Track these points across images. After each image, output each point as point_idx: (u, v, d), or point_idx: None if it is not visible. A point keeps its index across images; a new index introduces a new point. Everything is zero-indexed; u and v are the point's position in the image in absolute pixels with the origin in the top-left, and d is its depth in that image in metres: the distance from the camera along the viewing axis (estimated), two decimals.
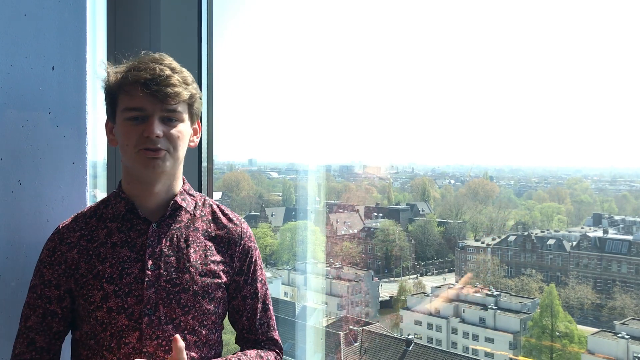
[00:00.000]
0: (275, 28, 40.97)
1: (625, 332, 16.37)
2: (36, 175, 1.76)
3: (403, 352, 14.91)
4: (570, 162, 44.17)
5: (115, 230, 1.44)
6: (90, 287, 1.39)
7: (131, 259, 1.40)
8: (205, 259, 1.47)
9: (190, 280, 1.42)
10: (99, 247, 1.42)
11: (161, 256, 1.42)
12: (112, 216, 1.46)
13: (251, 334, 1.57)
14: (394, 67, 55.79)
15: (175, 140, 1.41)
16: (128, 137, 1.39)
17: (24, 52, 1.74)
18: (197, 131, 1.56)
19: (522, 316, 19.72)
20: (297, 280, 18.60)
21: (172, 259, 1.42)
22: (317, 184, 9.99)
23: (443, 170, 38.74)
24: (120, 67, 1.44)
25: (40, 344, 1.42)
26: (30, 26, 1.76)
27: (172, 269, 1.41)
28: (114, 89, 1.43)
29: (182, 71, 1.44)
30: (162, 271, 1.40)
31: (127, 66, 1.42)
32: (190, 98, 1.44)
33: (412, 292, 24.33)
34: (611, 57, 54.19)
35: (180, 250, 1.44)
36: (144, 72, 1.37)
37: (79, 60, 1.83)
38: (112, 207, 1.47)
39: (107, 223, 1.45)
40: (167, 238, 1.44)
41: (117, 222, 1.45)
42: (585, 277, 22.78)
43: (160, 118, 1.39)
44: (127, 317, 1.37)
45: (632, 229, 23.49)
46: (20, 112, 1.74)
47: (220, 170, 27.43)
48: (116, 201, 1.47)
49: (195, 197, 1.55)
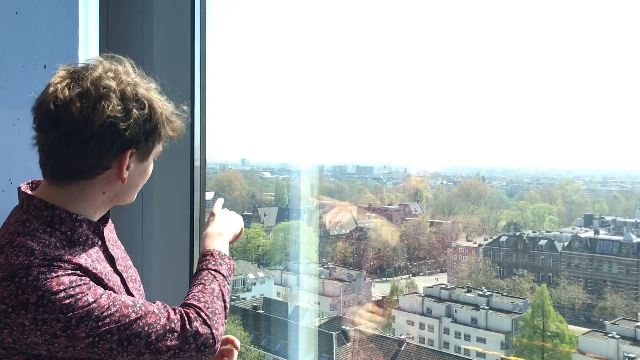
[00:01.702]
0: (269, 27, 40.88)
1: (615, 332, 16.49)
2: (27, 174, 1.75)
3: (395, 352, 14.94)
4: (561, 163, 44.34)
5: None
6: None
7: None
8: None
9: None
10: None
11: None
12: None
13: None
14: (388, 68, 55.86)
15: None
16: (145, 178, 1.32)
17: (15, 50, 1.73)
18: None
19: (513, 316, 19.82)
20: (289, 281, 18.61)
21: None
22: (310, 184, 9.98)
23: (436, 170, 38.87)
24: (166, 105, 1.28)
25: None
26: (22, 24, 1.75)
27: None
28: (164, 132, 1.27)
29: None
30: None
31: (170, 104, 1.29)
32: None
33: (405, 292, 24.40)
34: (603, 59, 54.51)
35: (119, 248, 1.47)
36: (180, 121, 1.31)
37: (70, 59, 1.82)
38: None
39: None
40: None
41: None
42: (576, 277, 22.92)
43: None
44: None
45: (623, 230, 23.66)
46: (12, 110, 1.73)
47: (213, 169, 27.35)
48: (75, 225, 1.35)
49: None
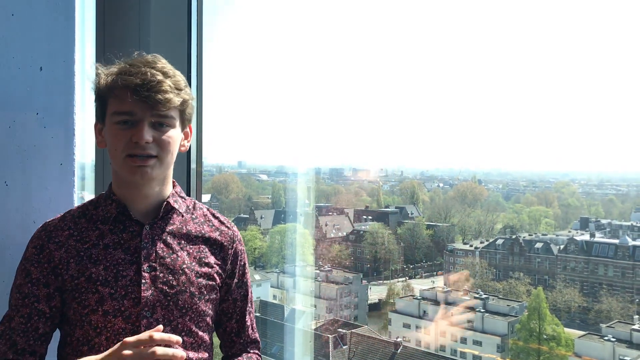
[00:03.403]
0: (266, 30, 40.91)
1: (611, 335, 16.52)
2: (23, 176, 1.74)
3: (391, 354, 14.93)
4: (558, 166, 44.50)
5: (107, 232, 1.42)
6: (83, 290, 1.36)
7: (126, 261, 1.38)
8: (200, 260, 1.46)
9: (187, 281, 1.42)
10: (90, 249, 1.39)
11: (156, 258, 1.40)
12: (103, 218, 1.43)
13: (239, 336, 1.58)
14: (385, 71, 55.97)
15: (165, 146, 1.39)
16: (117, 141, 1.37)
17: (11, 52, 1.73)
18: (189, 135, 1.54)
19: (510, 319, 19.83)
20: (286, 283, 18.58)
21: (168, 260, 1.41)
22: (306, 187, 9.97)
23: (432, 173, 38.91)
24: (112, 69, 1.41)
25: (22, 346, 1.35)
26: (18, 26, 1.74)
27: (168, 271, 1.40)
28: (104, 92, 1.40)
29: (174, 75, 1.41)
30: (158, 273, 1.39)
31: (119, 68, 1.40)
32: (182, 104, 1.42)
33: (401, 295, 24.38)
34: (599, 63, 54.72)
35: (174, 252, 1.43)
36: (135, 77, 1.35)
37: (67, 61, 1.82)
38: (102, 209, 1.45)
39: (98, 225, 1.43)
40: (161, 240, 1.43)
41: (109, 224, 1.43)
42: (572, 280, 22.95)
43: (151, 123, 1.37)
44: (124, 320, 1.35)
45: (619, 233, 23.71)
46: (8, 112, 1.72)
47: (210, 172, 27.35)
48: (107, 203, 1.45)
49: (186, 200, 1.55)
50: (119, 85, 1.36)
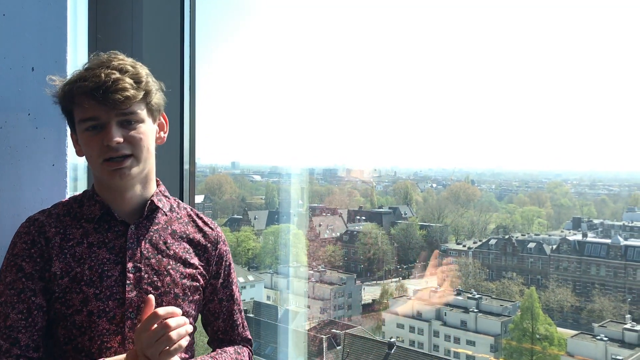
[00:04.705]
0: (259, 31, 40.88)
1: (603, 335, 16.62)
2: (15, 177, 1.73)
3: (385, 355, 14.94)
4: (550, 166, 44.71)
5: (91, 230, 1.41)
6: (67, 290, 1.34)
7: (110, 261, 1.38)
8: (185, 261, 1.46)
9: (172, 283, 1.41)
10: (74, 247, 1.38)
11: (141, 258, 1.40)
12: (87, 217, 1.43)
13: (227, 335, 1.60)
14: (378, 72, 56.03)
15: (138, 142, 1.38)
16: (90, 149, 1.37)
17: (3, 52, 1.72)
18: (164, 126, 1.53)
19: (503, 319, 19.91)
20: (279, 284, 18.56)
21: (153, 261, 1.41)
22: (300, 187, 9.98)
23: (425, 173, 39.01)
24: (70, 78, 1.40)
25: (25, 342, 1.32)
26: (10, 26, 1.73)
27: (153, 272, 1.40)
28: (67, 103, 1.39)
29: (134, 68, 1.39)
30: (143, 274, 1.39)
31: (75, 76, 1.39)
32: (146, 96, 1.40)
33: (395, 295, 24.42)
34: (592, 63, 55.01)
35: (160, 252, 1.43)
36: (89, 82, 1.33)
37: (59, 61, 1.81)
38: (86, 208, 1.44)
39: (82, 223, 1.42)
40: (146, 240, 1.43)
41: (93, 223, 1.42)
42: (565, 280, 23.07)
43: (118, 123, 1.35)
44: (108, 320, 1.34)
45: (611, 233, 23.87)
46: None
47: (203, 173, 27.28)
48: (90, 203, 1.44)
49: (170, 199, 1.55)
50: (76, 93, 1.35)
